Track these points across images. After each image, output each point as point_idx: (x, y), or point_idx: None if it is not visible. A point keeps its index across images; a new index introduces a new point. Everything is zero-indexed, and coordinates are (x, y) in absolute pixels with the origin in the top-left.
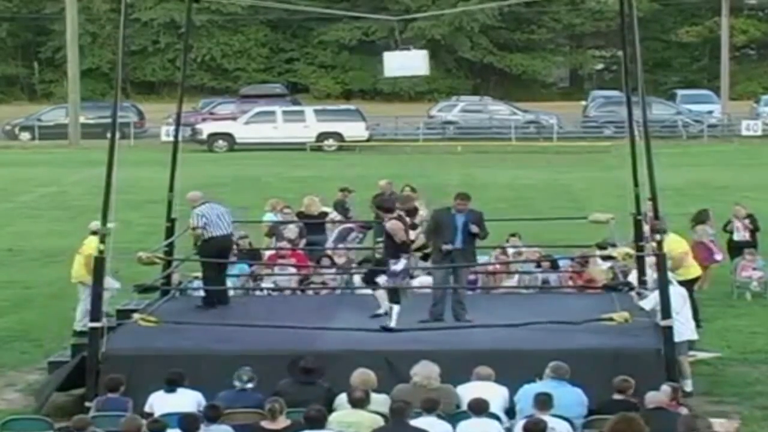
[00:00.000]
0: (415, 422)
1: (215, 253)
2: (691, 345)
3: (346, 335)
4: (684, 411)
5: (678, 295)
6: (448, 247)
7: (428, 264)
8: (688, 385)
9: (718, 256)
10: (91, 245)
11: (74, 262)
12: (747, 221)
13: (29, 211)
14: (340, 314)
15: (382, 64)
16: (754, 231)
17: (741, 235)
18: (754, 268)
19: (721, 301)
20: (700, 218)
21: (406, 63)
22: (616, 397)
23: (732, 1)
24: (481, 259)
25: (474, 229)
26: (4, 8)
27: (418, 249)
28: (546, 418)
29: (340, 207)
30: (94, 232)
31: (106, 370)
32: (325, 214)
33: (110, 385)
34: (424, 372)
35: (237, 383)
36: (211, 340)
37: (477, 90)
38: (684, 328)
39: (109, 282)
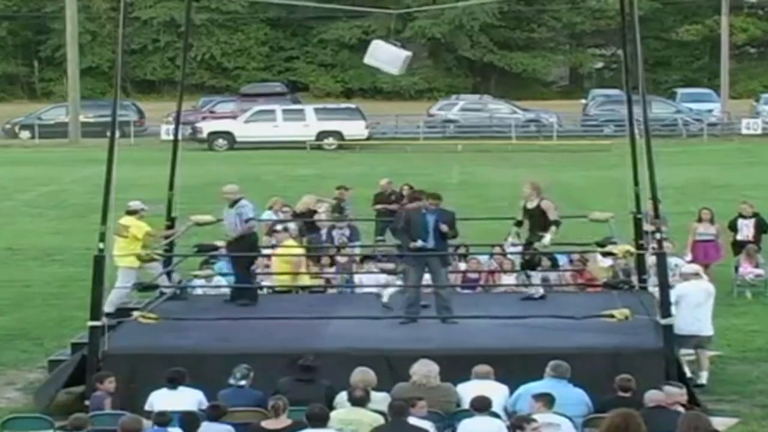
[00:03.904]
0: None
1: (250, 249)
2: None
3: (346, 334)
4: (682, 409)
5: (702, 291)
6: (417, 244)
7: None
8: (703, 377)
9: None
10: (137, 225)
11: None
12: (753, 220)
13: (29, 209)
14: (340, 312)
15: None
16: (760, 231)
17: (745, 233)
18: (755, 266)
19: (721, 299)
20: (697, 217)
21: (386, 58)
22: (619, 395)
23: None
24: (481, 258)
25: (443, 228)
26: (4, 7)
27: None
28: (548, 415)
29: (337, 205)
30: (131, 212)
31: (106, 369)
32: (314, 212)
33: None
34: (423, 371)
35: (231, 380)
36: (212, 339)
37: (477, 88)
38: (701, 324)
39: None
